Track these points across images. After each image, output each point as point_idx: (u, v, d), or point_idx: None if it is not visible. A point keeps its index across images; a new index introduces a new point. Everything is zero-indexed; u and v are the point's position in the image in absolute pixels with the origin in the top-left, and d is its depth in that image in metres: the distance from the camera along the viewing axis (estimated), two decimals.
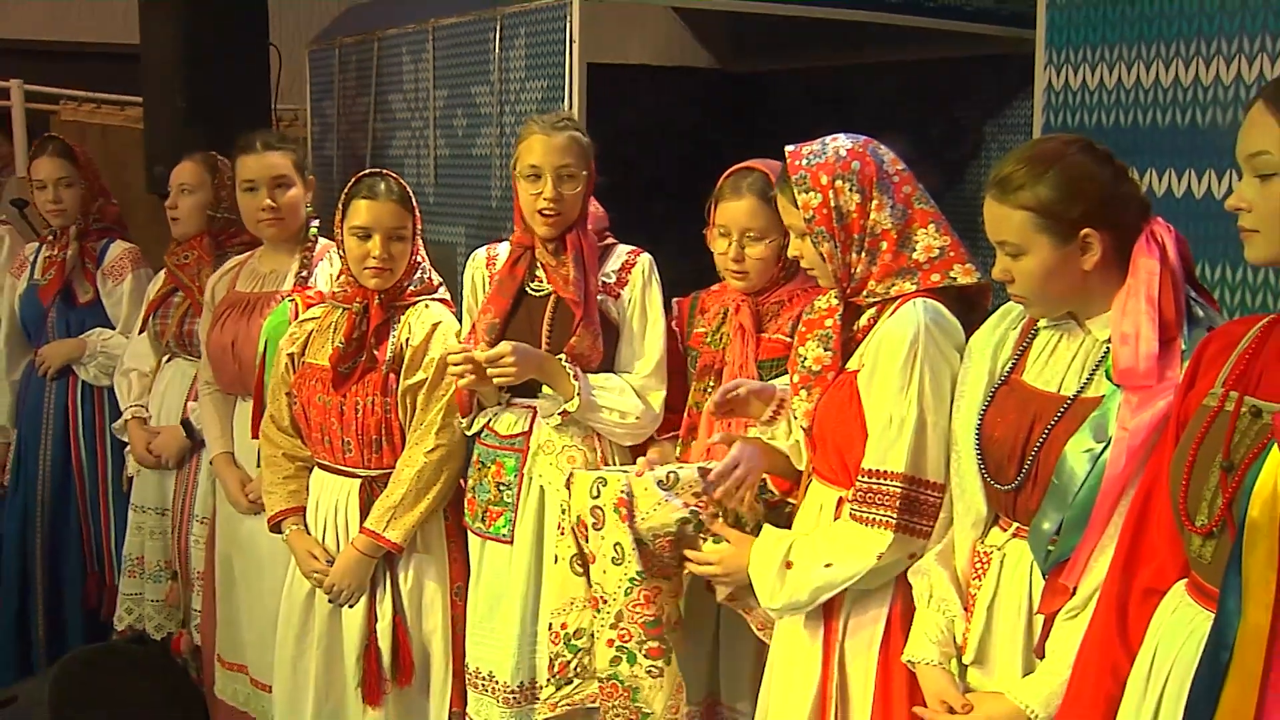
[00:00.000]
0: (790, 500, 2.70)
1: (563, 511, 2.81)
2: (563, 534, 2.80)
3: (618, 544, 2.57)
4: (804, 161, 2.45)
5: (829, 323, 2.49)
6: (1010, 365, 2.26)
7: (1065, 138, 2.29)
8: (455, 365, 2.96)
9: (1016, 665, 2.19)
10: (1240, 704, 1.67)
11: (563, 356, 2.96)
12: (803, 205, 2.44)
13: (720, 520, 2.62)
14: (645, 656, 2.59)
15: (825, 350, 2.48)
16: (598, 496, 2.61)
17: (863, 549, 2.34)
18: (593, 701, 2.76)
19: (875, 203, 2.44)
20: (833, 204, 2.43)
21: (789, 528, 2.58)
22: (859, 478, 2.38)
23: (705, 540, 2.62)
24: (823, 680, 2.46)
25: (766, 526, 2.56)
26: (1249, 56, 2.67)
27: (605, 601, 2.61)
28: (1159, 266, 2.08)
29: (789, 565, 2.42)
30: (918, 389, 2.33)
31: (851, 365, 2.48)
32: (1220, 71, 2.74)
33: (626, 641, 2.59)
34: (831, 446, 2.48)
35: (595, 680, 2.69)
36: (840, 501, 2.47)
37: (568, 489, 2.77)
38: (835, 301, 2.52)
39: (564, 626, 2.78)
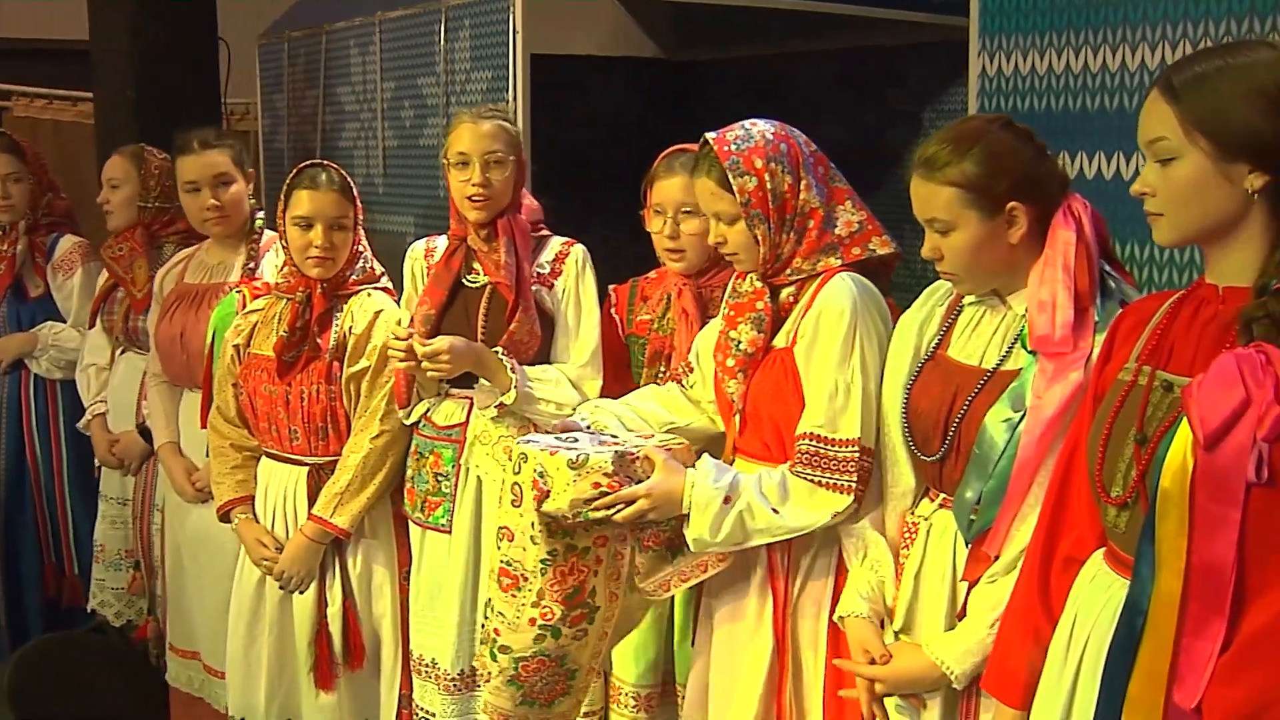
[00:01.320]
0: None
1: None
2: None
3: (532, 523, 2.46)
4: (733, 147, 2.49)
5: (760, 305, 2.54)
6: (936, 341, 2.33)
7: (987, 117, 2.36)
8: (395, 350, 2.99)
9: (940, 632, 2.26)
10: (1155, 667, 1.73)
11: (499, 349, 2.99)
12: (739, 190, 2.48)
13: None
14: (569, 626, 2.50)
15: (759, 332, 2.53)
16: (518, 473, 2.48)
17: (818, 507, 2.40)
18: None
19: (804, 182, 2.51)
20: (768, 186, 2.48)
21: None
22: (804, 443, 2.42)
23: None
24: (777, 652, 2.51)
25: (705, 456, 2.55)
26: (1172, 43, 2.73)
27: (526, 580, 2.50)
28: (1075, 238, 2.15)
29: (727, 501, 2.42)
30: (859, 358, 2.40)
31: (779, 342, 2.53)
32: (1145, 57, 2.80)
33: (550, 620, 2.49)
34: (768, 423, 2.53)
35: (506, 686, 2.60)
36: None
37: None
38: (760, 284, 2.57)
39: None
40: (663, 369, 2.94)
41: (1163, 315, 1.88)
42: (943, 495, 2.29)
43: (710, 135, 2.54)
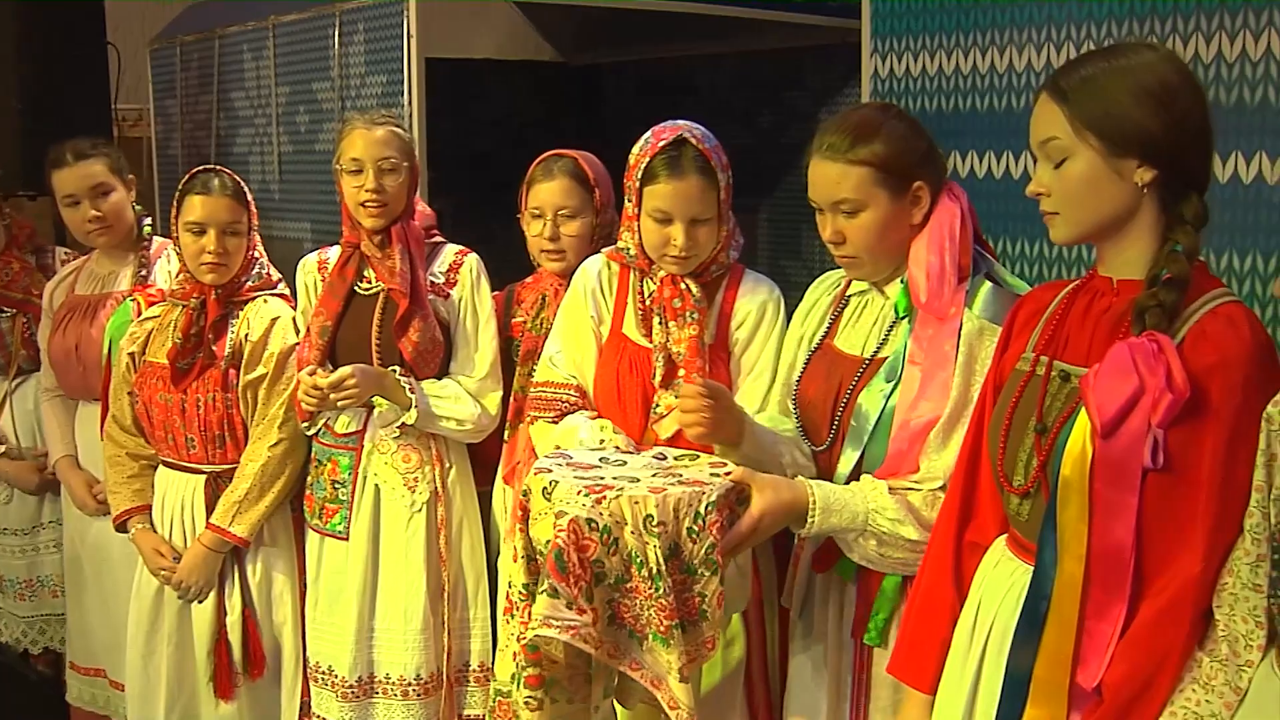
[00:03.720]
0: None
1: None
2: None
3: (515, 548, 2.23)
4: (708, 145, 2.53)
5: (685, 302, 2.57)
6: (824, 331, 2.38)
7: (876, 104, 2.42)
8: (306, 398, 2.97)
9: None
10: (1059, 650, 1.78)
11: (396, 369, 2.99)
12: (724, 188, 2.54)
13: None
14: (524, 684, 2.15)
15: (694, 331, 2.55)
16: (524, 493, 2.20)
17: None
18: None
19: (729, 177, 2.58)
20: (727, 183, 2.55)
21: None
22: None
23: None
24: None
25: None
26: (1056, 45, 2.80)
27: (517, 608, 2.24)
28: (959, 213, 2.22)
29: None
30: (777, 346, 2.50)
31: (707, 339, 2.57)
32: (1032, 58, 2.87)
33: (517, 661, 2.16)
34: None
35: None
36: None
37: None
38: (684, 285, 2.58)
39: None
40: (534, 368, 2.91)
41: (1058, 306, 1.93)
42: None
43: (691, 135, 2.54)
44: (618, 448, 2.40)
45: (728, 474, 2.13)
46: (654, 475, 2.14)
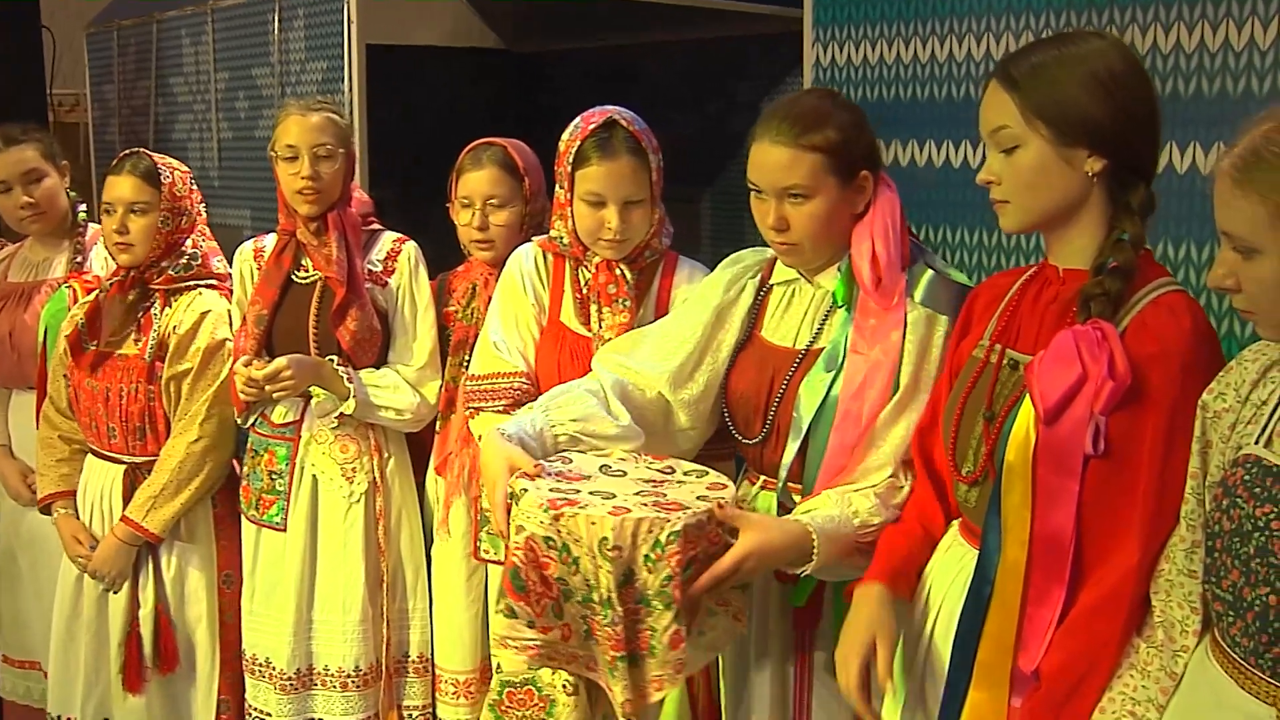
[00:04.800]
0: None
1: None
2: None
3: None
4: (638, 127, 2.54)
5: (619, 288, 2.57)
6: (750, 323, 2.34)
7: (819, 91, 2.41)
8: (244, 390, 2.95)
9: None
10: (1002, 634, 1.81)
11: (334, 358, 2.97)
12: (655, 169, 2.53)
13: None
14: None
15: (625, 319, 2.55)
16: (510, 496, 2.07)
17: None
18: None
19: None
20: (658, 165, 2.55)
21: None
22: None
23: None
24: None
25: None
26: (997, 35, 2.81)
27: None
28: (898, 202, 2.22)
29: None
30: None
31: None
32: (972, 48, 2.88)
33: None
34: None
35: None
36: None
37: None
38: (619, 270, 2.58)
39: None
40: (467, 357, 2.92)
41: (1013, 295, 1.95)
42: (763, 477, 2.31)
43: (621, 117, 2.55)
44: (627, 456, 2.23)
45: (720, 503, 1.99)
46: (636, 493, 2.01)
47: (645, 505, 1.95)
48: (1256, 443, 1.57)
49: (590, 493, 1.99)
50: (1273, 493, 1.51)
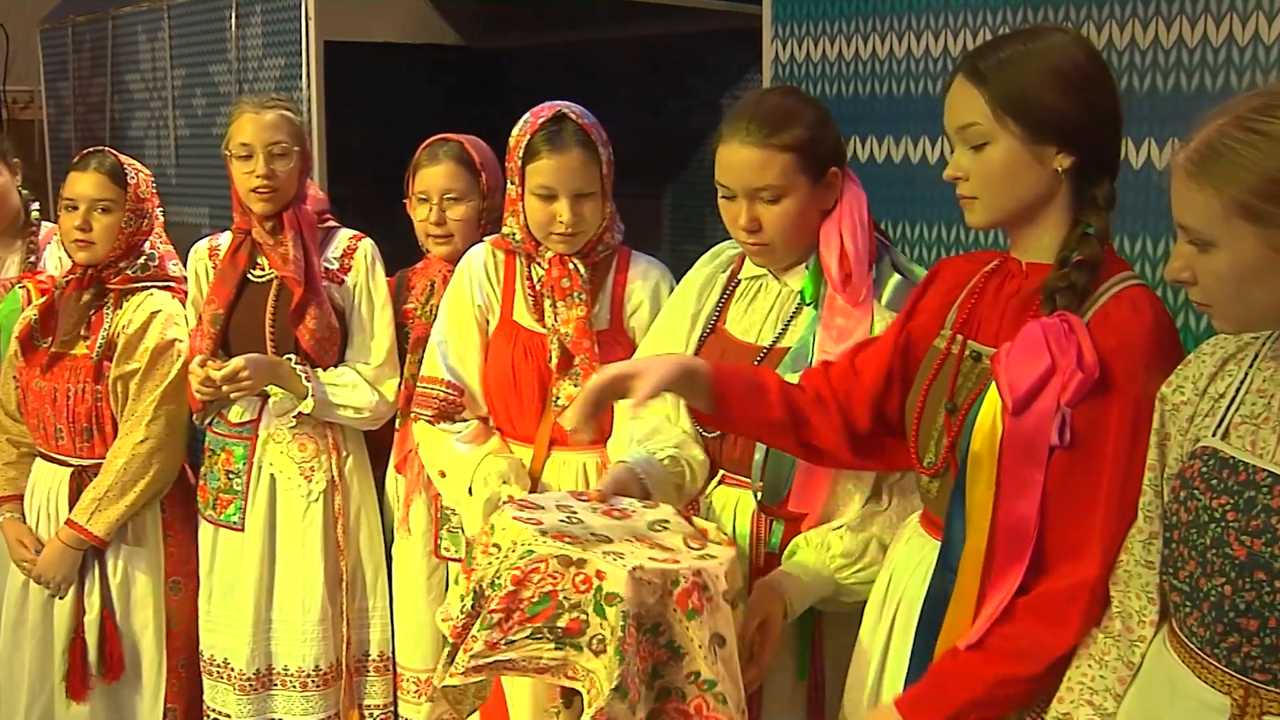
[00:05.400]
0: None
1: None
2: None
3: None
4: (588, 120, 2.55)
5: (573, 282, 2.56)
6: (715, 314, 2.34)
7: (783, 89, 2.41)
8: (200, 390, 2.93)
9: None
10: (962, 622, 1.82)
11: (291, 357, 2.96)
12: (605, 163, 2.54)
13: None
14: None
15: (581, 312, 2.55)
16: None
17: None
18: None
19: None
20: (608, 159, 2.56)
21: None
22: None
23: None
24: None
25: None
26: (954, 31, 2.82)
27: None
28: (864, 196, 2.22)
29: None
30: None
31: (598, 325, 2.57)
32: (930, 44, 2.89)
33: None
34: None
35: None
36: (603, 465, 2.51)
37: None
38: (572, 265, 2.58)
39: None
40: (424, 354, 2.91)
41: (975, 286, 1.95)
42: (722, 471, 2.31)
43: (570, 112, 2.56)
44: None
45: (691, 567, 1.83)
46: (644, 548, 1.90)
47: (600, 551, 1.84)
48: (1214, 435, 1.58)
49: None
50: (1229, 484, 1.52)
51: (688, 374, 2.00)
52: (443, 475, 2.71)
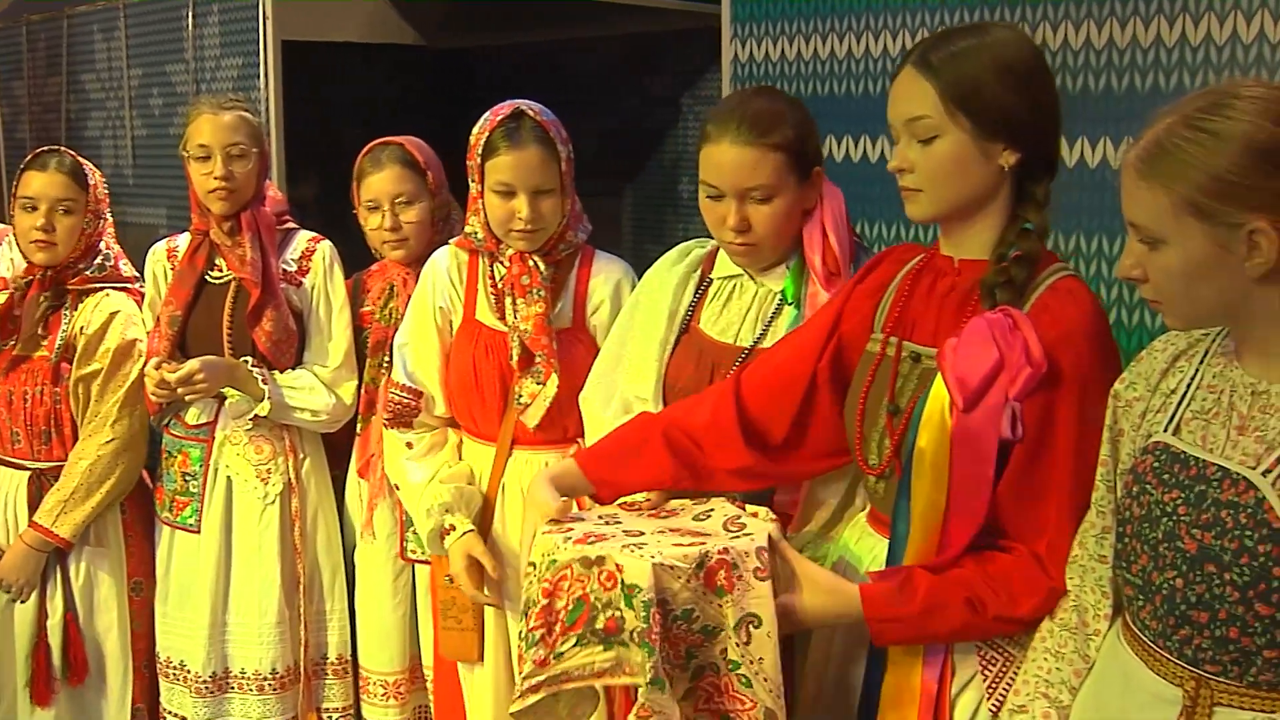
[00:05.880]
0: None
1: None
2: None
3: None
4: (546, 117, 2.54)
5: (533, 279, 2.56)
6: (689, 314, 2.34)
7: (760, 89, 2.42)
8: (155, 392, 2.91)
9: None
10: None
11: (248, 359, 2.95)
12: (565, 160, 2.54)
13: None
14: None
15: (539, 309, 2.54)
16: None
17: None
18: None
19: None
20: (568, 156, 2.56)
21: None
22: None
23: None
24: None
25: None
26: (912, 30, 2.84)
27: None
28: (841, 194, 2.23)
29: None
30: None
31: (560, 323, 2.57)
32: (888, 44, 2.91)
33: None
34: (569, 405, 2.53)
35: None
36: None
37: None
38: (533, 262, 2.57)
39: None
40: (386, 359, 2.91)
41: (902, 285, 1.95)
42: None
43: (529, 109, 2.55)
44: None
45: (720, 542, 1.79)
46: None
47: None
48: (1165, 430, 1.60)
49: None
50: (1180, 479, 1.54)
51: (563, 477, 2.00)
52: (397, 489, 2.76)
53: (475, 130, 2.56)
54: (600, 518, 1.94)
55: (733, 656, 1.75)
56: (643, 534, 1.84)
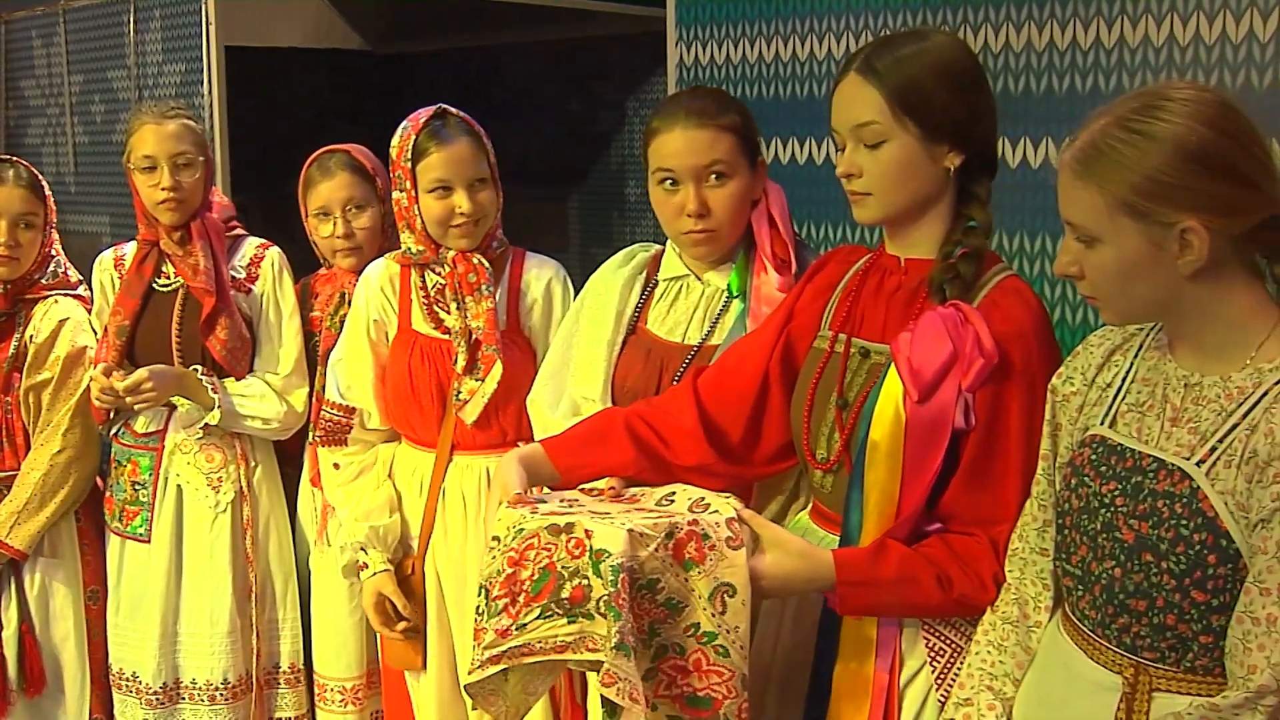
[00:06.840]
0: None
1: None
2: None
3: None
4: (465, 115, 2.57)
5: (480, 276, 2.56)
6: (635, 315, 2.36)
7: (693, 88, 2.44)
8: (100, 398, 2.89)
9: None
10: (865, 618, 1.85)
11: (198, 368, 2.93)
12: (490, 152, 2.57)
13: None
14: None
15: (490, 304, 2.55)
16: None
17: None
18: None
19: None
20: (490, 151, 2.58)
21: None
22: None
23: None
24: None
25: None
26: (855, 33, 2.87)
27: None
28: (781, 189, 2.27)
29: None
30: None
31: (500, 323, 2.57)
32: (832, 46, 2.94)
33: None
34: (516, 407, 2.55)
35: None
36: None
37: None
38: (477, 260, 2.58)
39: None
40: None
41: (850, 284, 1.98)
42: None
43: (445, 108, 2.59)
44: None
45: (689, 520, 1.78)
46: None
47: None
48: (1102, 423, 1.63)
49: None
50: (1117, 470, 1.57)
51: (530, 459, 2.00)
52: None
53: (397, 140, 2.57)
54: (563, 500, 1.93)
55: (708, 628, 1.74)
56: (609, 514, 1.83)
